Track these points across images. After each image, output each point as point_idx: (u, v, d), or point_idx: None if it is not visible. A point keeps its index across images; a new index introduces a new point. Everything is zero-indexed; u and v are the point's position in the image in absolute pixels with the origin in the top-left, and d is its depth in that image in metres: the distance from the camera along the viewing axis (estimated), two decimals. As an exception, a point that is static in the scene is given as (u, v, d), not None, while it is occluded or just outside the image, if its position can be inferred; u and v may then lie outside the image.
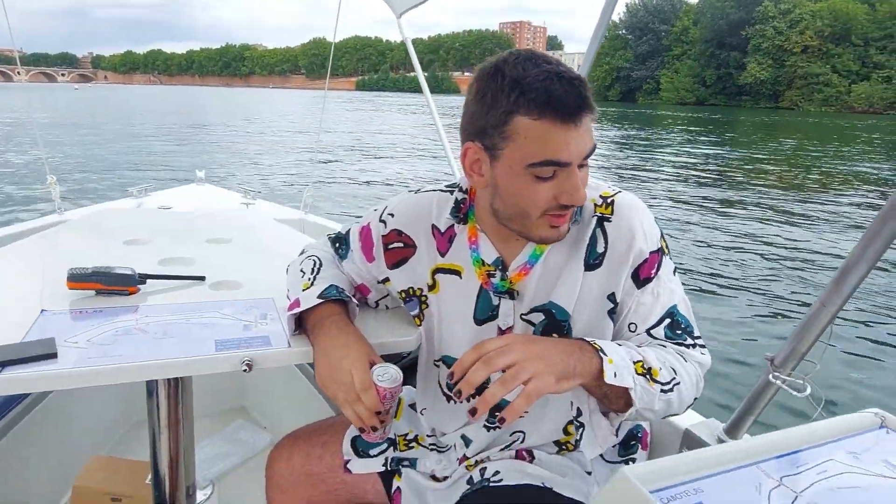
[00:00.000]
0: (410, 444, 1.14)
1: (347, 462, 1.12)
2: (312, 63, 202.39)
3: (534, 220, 0.88)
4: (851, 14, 59.77)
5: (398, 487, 1.11)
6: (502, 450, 1.07)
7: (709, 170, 14.82)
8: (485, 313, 1.01)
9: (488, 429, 1.07)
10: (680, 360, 0.94)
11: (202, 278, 1.20)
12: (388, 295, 1.14)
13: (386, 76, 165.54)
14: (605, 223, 0.96)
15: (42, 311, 1.01)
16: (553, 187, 0.84)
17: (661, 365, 0.89)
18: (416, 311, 1.08)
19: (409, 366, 1.69)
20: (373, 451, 1.12)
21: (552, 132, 0.81)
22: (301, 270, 1.10)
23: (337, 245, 1.15)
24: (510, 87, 0.81)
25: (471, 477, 1.06)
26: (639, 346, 0.93)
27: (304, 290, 1.03)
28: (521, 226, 0.91)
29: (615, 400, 0.87)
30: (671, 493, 0.53)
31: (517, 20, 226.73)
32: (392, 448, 1.13)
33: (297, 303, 1.01)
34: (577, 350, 0.84)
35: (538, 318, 0.99)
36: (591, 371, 0.83)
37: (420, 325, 1.08)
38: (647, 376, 0.87)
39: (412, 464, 1.12)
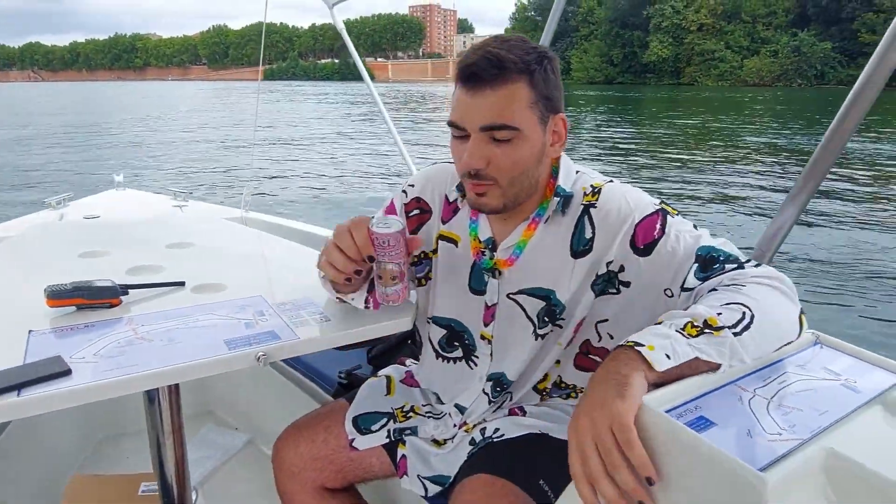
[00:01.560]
0: (408, 415, 1.22)
1: (353, 441, 1.19)
2: (214, 52, 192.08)
3: (462, 181, 1.00)
4: (740, -7, 63.93)
5: (403, 455, 1.18)
6: (495, 411, 1.15)
7: (623, 147, 15.34)
8: (479, 285, 1.10)
9: (489, 401, 1.14)
10: (737, 289, 0.83)
11: (182, 284, 1.23)
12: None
13: (296, 64, 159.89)
14: (591, 210, 1.00)
15: (30, 331, 1.01)
16: (462, 149, 0.94)
17: (719, 309, 0.80)
18: (423, 274, 1.18)
19: (399, 343, 1.66)
20: (374, 427, 1.20)
21: (458, 97, 0.94)
22: None
23: None
24: None
25: (472, 438, 1.13)
26: (687, 308, 0.84)
27: None
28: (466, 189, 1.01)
29: (697, 370, 0.77)
30: (679, 411, 0.70)
31: (427, 3, 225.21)
32: (392, 420, 1.21)
33: None
34: (611, 364, 0.75)
35: (536, 304, 1.05)
36: (637, 368, 0.73)
37: (423, 286, 1.19)
38: (708, 330, 0.77)
39: (414, 431, 1.19)
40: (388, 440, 1.19)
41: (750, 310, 0.80)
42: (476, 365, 1.15)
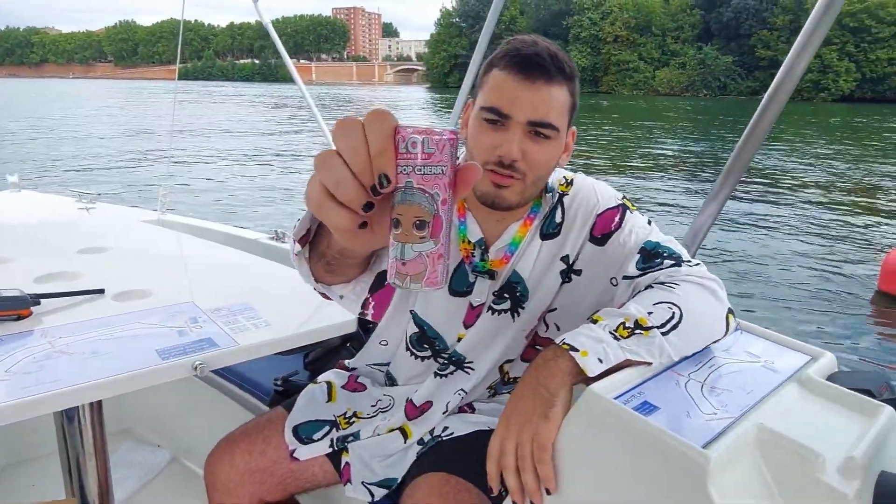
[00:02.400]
0: (351, 421, 1.18)
1: (293, 451, 1.14)
2: (121, 49, 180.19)
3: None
4: (650, 7, 67.49)
5: (347, 462, 1.14)
6: (445, 414, 1.13)
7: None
8: (461, 286, 1.06)
9: (437, 375, 1.12)
10: (669, 288, 0.90)
11: (101, 291, 1.16)
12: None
13: (212, 63, 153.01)
14: (564, 198, 1.05)
15: None
16: (496, 137, 0.91)
17: (649, 308, 0.87)
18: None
19: (338, 346, 1.62)
20: (316, 436, 1.15)
21: (506, 83, 0.90)
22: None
23: None
24: (502, 47, 0.94)
25: (421, 438, 1.12)
26: (621, 305, 0.91)
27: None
28: None
29: (629, 366, 0.84)
30: (626, 397, 0.75)
31: (351, 6, 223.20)
32: (335, 429, 1.17)
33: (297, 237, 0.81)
34: (541, 370, 0.82)
35: (504, 300, 1.05)
36: (568, 375, 0.81)
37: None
38: (639, 331, 0.84)
39: (357, 437, 1.15)
40: (330, 449, 1.15)
41: (680, 310, 0.86)
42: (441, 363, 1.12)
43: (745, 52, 61.93)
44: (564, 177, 1.07)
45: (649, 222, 1.04)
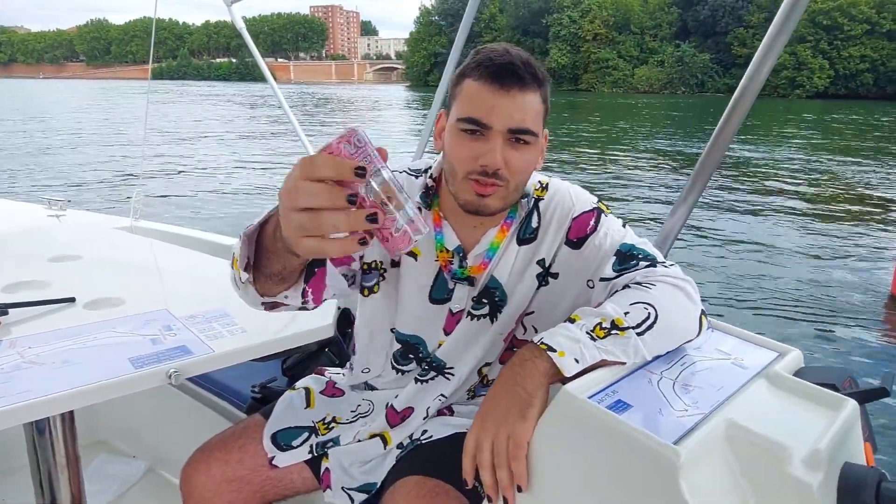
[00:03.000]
0: (330, 426, 1.18)
1: (272, 459, 1.13)
2: (93, 48, 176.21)
3: (460, 178, 0.95)
4: (629, 5, 68.06)
5: (326, 468, 1.14)
6: (426, 418, 1.13)
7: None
8: (440, 294, 1.07)
9: (417, 381, 1.13)
10: (645, 289, 0.92)
11: (72, 300, 1.14)
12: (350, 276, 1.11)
13: (187, 63, 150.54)
14: (539, 203, 1.06)
15: None
16: (477, 147, 0.92)
17: (626, 308, 0.89)
18: (372, 283, 1.11)
19: (316, 352, 1.61)
20: (295, 443, 1.15)
21: (482, 93, 0.91)
22: (245, 236, 0.83)
23: None
24: (471, 58, 0.95)
25: (400, 442, 1.12)
26: (598, 305, 0.92)
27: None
28: (454, 187, 0.98)
29: (604, 366, 0.85)
30: (600, 396, 0.77)
31: (328, 4, 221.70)
32: (313, 434, 1.17)
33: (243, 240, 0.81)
34: (518, 370, 0.84)
35: (483, 305, 1.06)
36: (545, 375, 0.82)
37: (367, 297, 1.12)
38: (615, 331, 0.85)
39: (336, 442, 1.15)
40: (310, 455, 1.15)
41: (655, 310, 0.88)
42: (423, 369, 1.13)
43: (721, 50, 62.76)
44: (540, 181, 1.08)
45: (624, 225, 1.05)
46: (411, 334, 1.12)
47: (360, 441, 1.14)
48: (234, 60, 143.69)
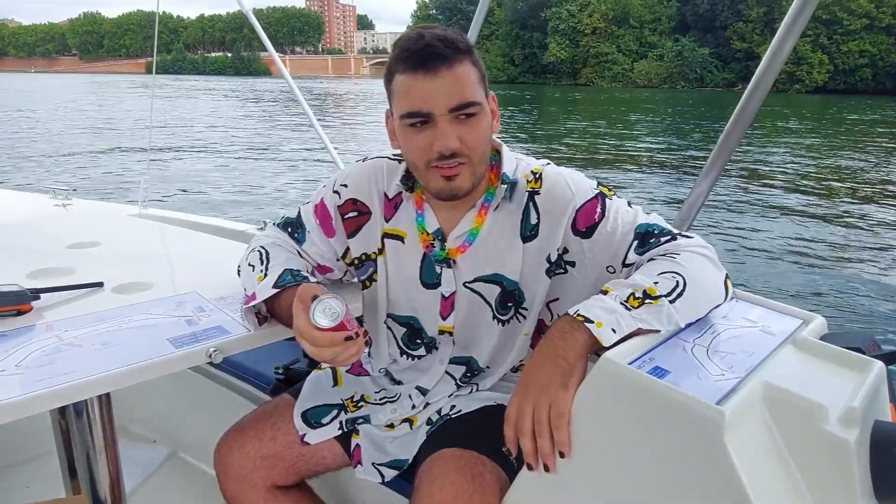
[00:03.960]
0: (359, 404, 1.20)
1: (304, 436, 1.16)
2: (86, 42, 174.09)
3: (423, 171, 0.98)
4: (628, -1, 67.77)
5: (357, 445, 1.16)
6: (451, 395, 1.16)
7: (527, 148, 15.86)
8: (430, 278, 1.10)
9: (457, 385, 1.15)
10: (671, 258, 0.94)
11: (100, 284, 1.15)
12: (348, 270, 1.18)
13: (182, 57, 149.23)
14: (536, 196, 1.05)
15: None
16: (427, 137, 0.93)
17: (655, 278, 0.90)
18: (367, 275, 1.15)
19: None
20: (325, 420, 1.17)
21: (412, 83, 0.92)
22: (250, 265, 1.09)
23: (290, 230, 1.16)
24: (391, 52, 0.96)
25: (429, 418, 1.14)
26: (628, 277, 0.94)
27: (258, 282, 1.04)
28: (421, 179, 1.01)
29: (639, 334, 0.86)
30: (639, 363, 0.79)
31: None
32: (342, 412, 1.19)
33: (253, 296, 1.01)
34: (559, 342, 0.85)
35: (492, 290, 1.07)
36: (585, 346, 0.84)
37: (368, 287, 1.16)
38: (648, 301, 0.87)
39: (366, 420, 1.17)
40: (340, 432, 1.17)
41: (683, 278, 0.90)
42: (437, 349, 1.16)
43: (721, 44, 62.70)
44: (533, 171, 1.06)
45: (629, 204, 1.05)
46: (408, 315, 1.14)
47: (393, 426, 1.17)
48: (229, 55, 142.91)
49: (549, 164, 1.08)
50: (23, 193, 2.46)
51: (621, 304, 0.86)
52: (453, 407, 1.14)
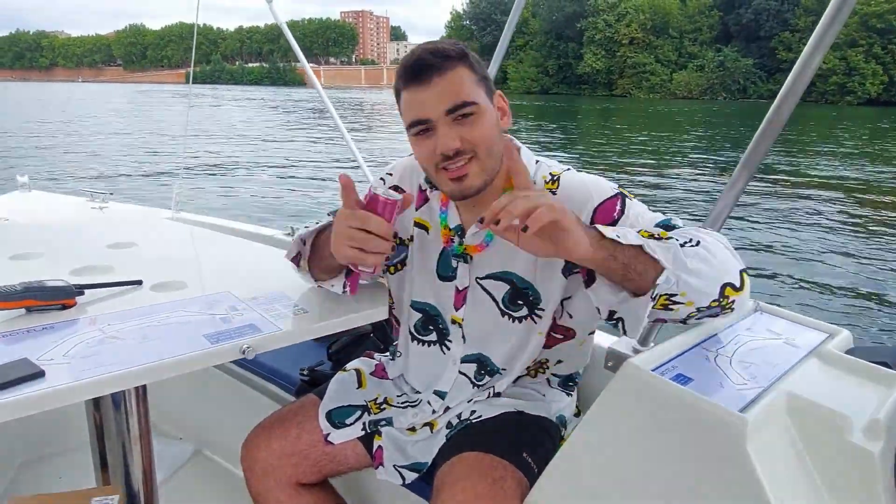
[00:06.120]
0: (382, 406, 1.25)
1: (328, 435, 1.20)
2: (130, 53, 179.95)
3: (434, 175, 1.03)
4: (667, 8, 66.62)
5: (379, 446, 1.20)
6: (470, 401, 1.18)
7: (563, 160, 15.76)
8: (446, 271, 1.15)
9: (473, 385, 1.18)
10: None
11: (139, 282, 1.19)
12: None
13: (221, 67, 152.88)
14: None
15: None
16: (430, 142, 0.99)
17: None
18: (400, 259, 1.21)
19: (361, 337, 1.65)
20: (349, 420, 1.22)
21: (410, 96, 0.99)
22: (301, 239, 1.16)
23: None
24: (396, 73, 1.03)
25: (449, 422, 1.17)
26: None
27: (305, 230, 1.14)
28: (436, 183, 1.07)
29: (642, 273, 0.85)
30: (661, 370, 0.80)
31: (359, 9, 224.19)
32: (366, 413, 1.23)
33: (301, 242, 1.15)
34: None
35: (501, 287, 1.10)
36: (593, 235, 0.84)
37: (399, 271, 1.22)
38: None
39: (389, 422, 1.21)
40: (363, 432, 1.20)
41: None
42: (449, 349, 1.18)
43: (765, 55, 60.99)
44: (551, 174, 1.08)
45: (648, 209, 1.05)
46: (427, 302, 1.19)
47: (415, 429, 1.19)
48: (265, 65, 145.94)
49: (569, 169, 1.10)
50: (61, 196, 2.55)
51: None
52: (473, 412, 1.16)
